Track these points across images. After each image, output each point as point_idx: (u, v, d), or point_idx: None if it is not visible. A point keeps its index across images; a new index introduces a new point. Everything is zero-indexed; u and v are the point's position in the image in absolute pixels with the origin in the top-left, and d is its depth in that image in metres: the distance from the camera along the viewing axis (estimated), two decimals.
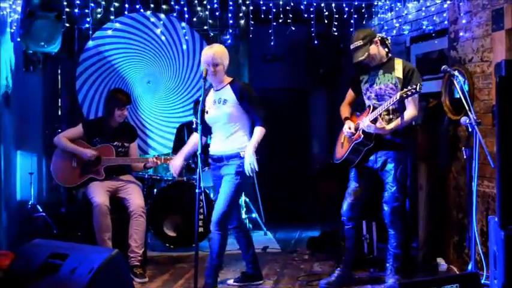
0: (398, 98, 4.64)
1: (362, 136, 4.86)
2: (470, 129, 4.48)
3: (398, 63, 4.91)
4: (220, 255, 4.86)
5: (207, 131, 4.99)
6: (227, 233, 4.91)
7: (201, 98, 4.81)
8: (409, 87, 4.59)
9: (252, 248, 5.19)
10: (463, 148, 4.69)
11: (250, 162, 4.67)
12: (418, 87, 4.55)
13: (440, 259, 5.58)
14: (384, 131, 4.79)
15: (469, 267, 4.73)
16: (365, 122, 4.81)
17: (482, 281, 4.45)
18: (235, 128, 4.85)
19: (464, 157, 4.68)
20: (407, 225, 5.21)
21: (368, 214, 5.48)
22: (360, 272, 5.43)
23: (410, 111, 4.81)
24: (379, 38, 4.93)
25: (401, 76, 4.84)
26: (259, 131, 4.78)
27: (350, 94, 5.26)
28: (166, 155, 6.18)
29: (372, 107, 4.89)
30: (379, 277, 5.20)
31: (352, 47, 4.90)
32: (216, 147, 4.92)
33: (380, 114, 4.78)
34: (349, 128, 4.98)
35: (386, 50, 4.97)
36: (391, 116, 4.88)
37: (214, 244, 4.85)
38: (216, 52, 4.77)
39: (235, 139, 4.85)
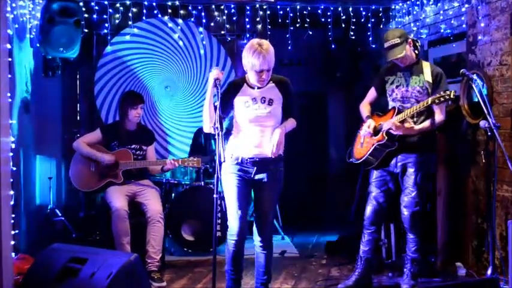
0: (430, 103, 4.60)
1: (385, 138, 4.82)
2: (489, 133, 4.45)
3: (426, 66, 4.89)
4: (269, 271, 4.56)
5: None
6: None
7: (217, 104, 4.15)
8: (442, 93, 4.52)
9: None
10: (482, 152, 4.65)
11: (279, 143, 4.25)
12: (451, 95, 4.49)
13: (459, 264, 5.53)
14: (412, 131, 4.75)
15: (488, 272, 4.70)
16: (391, 123, 4.75)
17: (502, 286, 4.43)
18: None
19: (483, 161, 4.64)
20: (426, 230, 5.17)
21: (386, 217, 5.43)
22: (378, 276, 5.40)
23: (439, 116, 4.79)
24: (411, 39, 4.93)
25: (430, 80, 4.81)
26: (293, 121, 4.40)
27: (372, 93, 5.21)
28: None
29: (396, 109, 4.85)
30: (398, 282, 5.17)
31: (387, 45, 4.84)
32: (262, 150, 4.33)
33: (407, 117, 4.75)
34: (368, 127, 4.93)
35: (416, 52, 4.95)
36: (415, 119, 4.84)
37: (260, 264, 4.53)
38: (270, 53, 4.18)
39: None
